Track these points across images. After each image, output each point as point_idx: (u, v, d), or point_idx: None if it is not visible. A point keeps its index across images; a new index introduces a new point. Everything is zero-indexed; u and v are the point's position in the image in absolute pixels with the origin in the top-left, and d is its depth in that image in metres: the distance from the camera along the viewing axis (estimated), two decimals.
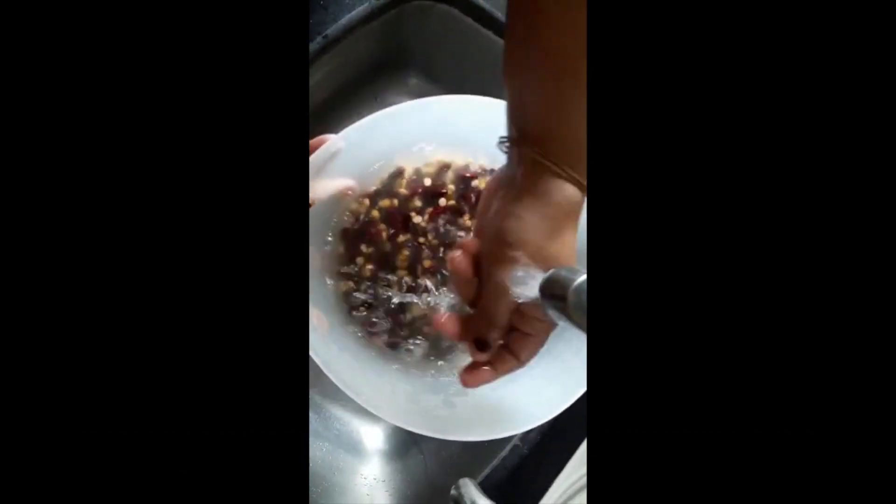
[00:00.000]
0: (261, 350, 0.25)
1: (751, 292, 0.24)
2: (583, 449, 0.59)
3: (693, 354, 0.24)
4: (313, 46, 0.56)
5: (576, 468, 0.58)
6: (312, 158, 0.45)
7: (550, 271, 0.30)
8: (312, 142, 0.46)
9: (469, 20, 0.64)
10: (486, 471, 0.58)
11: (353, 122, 0.55)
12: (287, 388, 0.26)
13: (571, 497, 0.55)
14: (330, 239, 0.50)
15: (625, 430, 0.24)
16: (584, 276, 0.27)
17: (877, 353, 0.23)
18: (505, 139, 0.36)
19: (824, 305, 0.23)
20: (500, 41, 0.63)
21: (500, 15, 0.63)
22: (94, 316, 0.24)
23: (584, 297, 0.26)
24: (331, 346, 0.46)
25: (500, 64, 0.35)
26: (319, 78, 0.60)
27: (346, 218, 0.49)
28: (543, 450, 0.60)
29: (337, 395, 0.67)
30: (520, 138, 0.35)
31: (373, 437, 0.69)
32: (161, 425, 0.25)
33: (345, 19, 0.56)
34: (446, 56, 0.69)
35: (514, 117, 0.36)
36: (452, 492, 0.43)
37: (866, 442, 0.23)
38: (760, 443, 0.24)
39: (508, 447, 0.61)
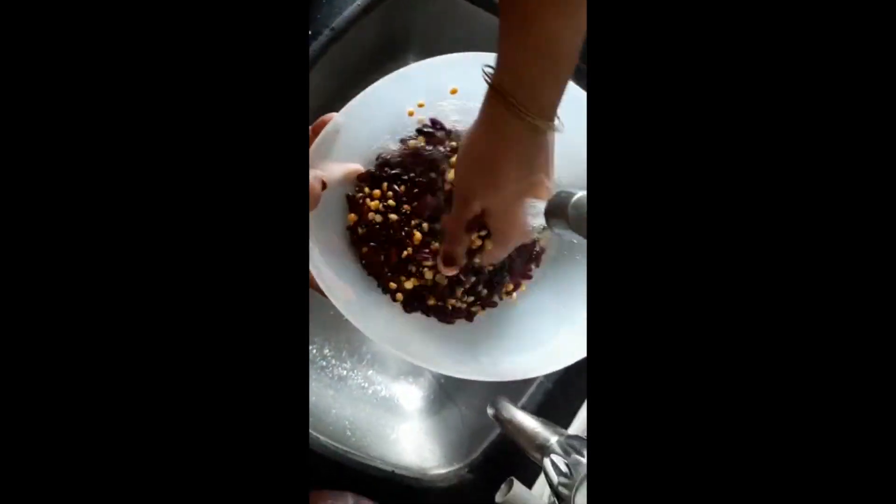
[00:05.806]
0: (260, 337, 0.25)
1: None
2: None
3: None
4: (322, 39, 0.58)
5: None
6: (319, 140, 0.44)
7: (552, 195, 0.35)
8: (315, 124, 0.45)
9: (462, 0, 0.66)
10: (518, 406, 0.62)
11: None
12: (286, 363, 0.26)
13: None
14: (347, 221, 0.49)
15: (622, 343, 0.25)
16: (581, 193, 0.32)
17: (875, 353, 0.22)
18: (489, 67, 0.38)
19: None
20: (490, 16, 0.65)
21: None
22: (103, 296, 0.24)
23: (582, 209, 0.31)
24: (365, 311, 0.46)
25: (492, 39, 0.37)
26: (328, 67, 0.62)
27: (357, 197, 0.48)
28: (568, 382, 0.63)
29: (373, 362, 0.72)
30: (496, 82, 0.37)
31: (410, 398, 0.73)
32: (172, 396, 0.25)
33: (348, 11, 0.58)
34: (442, 35, 0.71)
35: (499, 66, 0.37)
36: (489, 409, 0.46)
37: (864, 440, 0.22)
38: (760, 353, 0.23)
39: (535, 384, 0.64)
